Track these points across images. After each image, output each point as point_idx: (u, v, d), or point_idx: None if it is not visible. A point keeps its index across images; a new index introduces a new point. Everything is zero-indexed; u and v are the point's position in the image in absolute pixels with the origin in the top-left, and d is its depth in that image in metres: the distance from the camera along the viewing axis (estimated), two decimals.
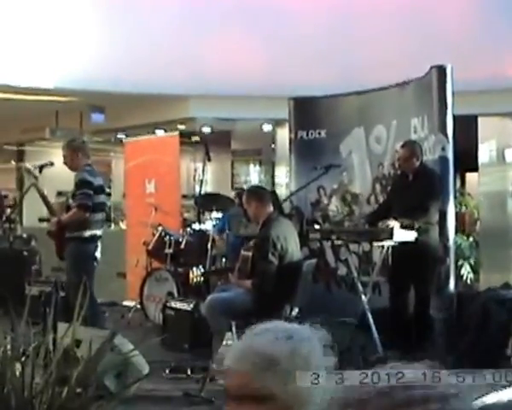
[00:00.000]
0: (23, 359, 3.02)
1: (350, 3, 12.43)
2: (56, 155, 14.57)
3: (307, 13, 12.41)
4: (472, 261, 9.56)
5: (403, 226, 7.13)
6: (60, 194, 14.09)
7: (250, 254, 6.63)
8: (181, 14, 13.04)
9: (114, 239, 11.35)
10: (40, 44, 12.35)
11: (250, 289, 6.35)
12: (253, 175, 17.72)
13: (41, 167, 7.12)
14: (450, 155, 7.90)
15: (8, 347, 3.15)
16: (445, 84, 7.91)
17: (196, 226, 9.49)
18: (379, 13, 12.07)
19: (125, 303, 10.53)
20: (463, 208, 10.93)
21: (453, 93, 7.91)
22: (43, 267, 10.81)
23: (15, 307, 7.16)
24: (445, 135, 7.88)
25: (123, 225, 15.29)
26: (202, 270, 8.43)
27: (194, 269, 8.97)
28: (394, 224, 7.10)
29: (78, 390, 3.01)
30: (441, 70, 7.93)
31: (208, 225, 9.68)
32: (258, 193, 6.76)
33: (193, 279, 8.90)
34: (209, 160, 8.55)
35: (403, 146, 7.93)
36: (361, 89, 9.54)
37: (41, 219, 14.73)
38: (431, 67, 8.06)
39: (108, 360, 3.59)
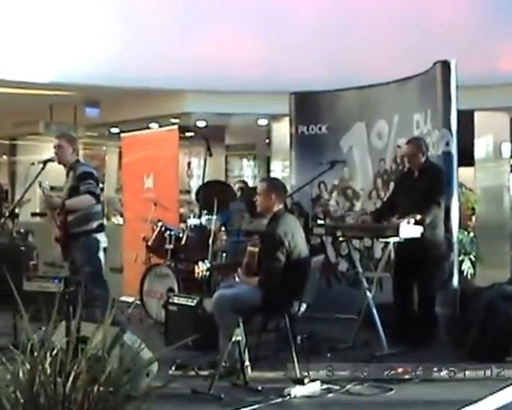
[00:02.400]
0: (50, 358, 2.95)
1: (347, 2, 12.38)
2: (49, 150, 14.57)
3: (305, 8, 12.33)
4: (472, 256, 9.56)
5: (415, 223, 7.09)
6: (52, 188, 13.93)
7: (257, 249, 6.56)
8: (177, 9, 12.94)
9: (108, 234, 11.29)
10: (36, 39, 12.25)
11: (257, 286, 6.28)
12: (247, 170, 17.74)
13: (45, 162, 7.04)
14: (454, 150, 7.88)
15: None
16: (449, 79, 7.88)
17: (196, 221, 9.41)
18: (376, 9, 12.01)
19: (123, 299, 10.41)
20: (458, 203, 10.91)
21: (457, 88, 7.89)
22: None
23: (16, 304, 7.12)
24: (450, 130, 7.86)
25: (115, 220, 15.22)
26: (206, 265, 8.33)
27: (196, 264, 8.88)
28: (404, 222, 7.06)
29: (110, 390, 2.95)
30: (445, 65, 7.90)
31: (206, 220, 9.60)
32: (279, 187, 6.69)
33: (194, 275, 8.80)
34: (210, 155, 8.48)
35: (408, 142, 7.88)
36: (359, 84, 9.52)
37: (33, 214, 14.66)
38: (435, 63, 8.03)
39: (118, 356, 3.51)
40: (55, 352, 2.99)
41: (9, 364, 3.12)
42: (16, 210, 7.26)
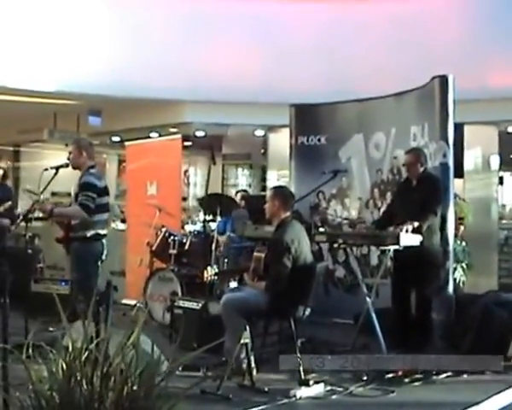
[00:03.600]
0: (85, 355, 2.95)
1: (344, 15, 12.43)
2: (53, 156, 14.54)
3: (302, 22, 12.40)
4: (464, 265, 9.60)
5: (413, 230, 7.11)
6: (54, 194, 13.93)
7: (263, 255, 6.58)
8: (177, 23, 13.00)
9: (108, 238, 11.31)
10: (41, 49, 12.26)
11: (263, 291, 6.30)
12: (242, 178, 17.76)
13: (57, 168, 7.02)
14: (450, 161, 7.92)
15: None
16: (446, 93, 7.92)
17: (199, 227, 9.43)
18: (372, 26, 12.11)
19: (124, 301, 10.39)
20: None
21: (454, 102, 7.93)
22: None
23: (22, 305, 7.10)
24: (447, 142, 7.89)
25: (115, 225, 15.18)
26: (214, 270, 8.34)
27: (199, 269, 8.88)
28: (403, 230, 7.07)
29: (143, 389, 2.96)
30: (443, 80, 7.94)
31: (209, 226, 9.62)
32: (284, 194, 6.73)
33: (197, 279, 8.81)
34: (214, 163, 8.49)
35: (408, 152, 7.92)
36: (354, 97, 9.58)
37: (36, 218, 14.60)
38: (433, 77, 8.07)
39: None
40: (88, 351, 2.99)
41: (38, 362, 3.12)
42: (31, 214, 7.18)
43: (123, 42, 12.93)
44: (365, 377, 6.32)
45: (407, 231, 7.05)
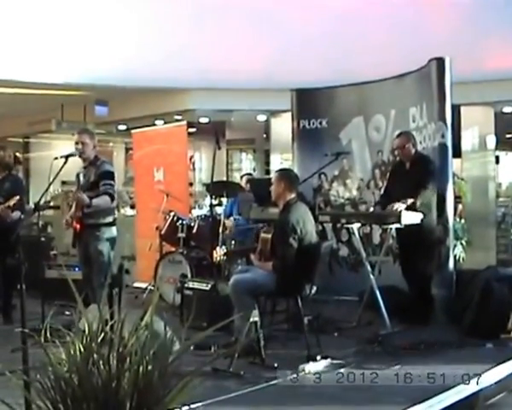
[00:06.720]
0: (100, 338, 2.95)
1: (343, 1, 12.35)
2: (60, 146, 14.56)
3: (302, 9, 12.30)
4: (464, 241, 9.63)
5: (407, 208, 7.11)
6: (64, 183, 13.93)
7: (269, 236, 6.59)
8: (181, 12, 12.91)
9: (118, 224, 11.33)
10: (48, 42, 12.21)
11: (271, 271, 6.30)
12: (246, 163, 17.77)
13: (67, 157, 6.98)
14: (449, 141, 7.90)
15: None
16: (443, 75, 7.90)
17: (206, 211, 9.44)
18: (372, 11, 12.00)
19: (135, 285, 10.42)
20: None
21: (451, 83, 7.90)
22: None
23: (37, 291, 7.11)
24: (445, 123, 7.87)
25: (124, 211, 15.21)
26: (223, 250, 8.36)
27: (206, 251, 8.88)
28: (399, 206, 7.08)
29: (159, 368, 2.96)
30: (440, 62, 7.91)
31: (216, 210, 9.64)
32: (290, 177, 6.74)
33: (205, 261, 8.81)
34: (219, 148, 8.47)
35: (398, 136, 7.96)
36: (353, 81, 9.54)
37: (48, 207, 14.64)
38: (430, 60, 8.04)
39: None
40: (103, 332, 2.99)
41: (55, 345, 3.11)
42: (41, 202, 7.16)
43: (127, 33, 12.86)
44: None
45: (396, 209, 7.07)
